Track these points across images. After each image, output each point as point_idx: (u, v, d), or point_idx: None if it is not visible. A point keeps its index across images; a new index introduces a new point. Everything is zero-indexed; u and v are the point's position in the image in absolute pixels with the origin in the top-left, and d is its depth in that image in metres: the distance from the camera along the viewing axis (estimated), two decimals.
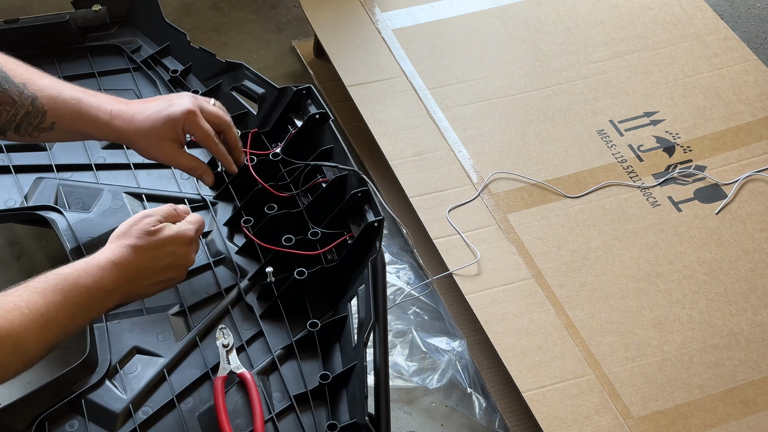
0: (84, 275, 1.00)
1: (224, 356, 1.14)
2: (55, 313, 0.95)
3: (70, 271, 1.00)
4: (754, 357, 1.38)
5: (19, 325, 0.91)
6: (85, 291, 0.99)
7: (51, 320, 0.95)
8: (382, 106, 1.72)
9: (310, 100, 1.37)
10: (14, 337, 0.91)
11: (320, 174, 1.31)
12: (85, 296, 0.99)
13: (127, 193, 1.32)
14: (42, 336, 0.94)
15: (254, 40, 2.03)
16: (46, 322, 0.94)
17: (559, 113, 1.72)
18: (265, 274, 1.20)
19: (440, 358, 1.47)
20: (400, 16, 1.89)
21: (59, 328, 0.96)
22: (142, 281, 1.07)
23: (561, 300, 1.44)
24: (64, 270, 1.00)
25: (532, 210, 1.56)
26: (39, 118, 1.16)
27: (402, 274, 1.58)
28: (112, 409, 1.10)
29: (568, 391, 1.33)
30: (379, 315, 1.12)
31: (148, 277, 1.07)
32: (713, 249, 1.52)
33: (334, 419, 1.09)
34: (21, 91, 1.15)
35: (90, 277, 1.00)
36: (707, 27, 1.88)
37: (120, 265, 1.04)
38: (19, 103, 1.14)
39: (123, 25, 1.57)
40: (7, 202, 1.31)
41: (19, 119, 1.15)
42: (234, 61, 1.43)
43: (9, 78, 1.14)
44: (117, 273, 1.03)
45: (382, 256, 1.17)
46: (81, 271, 1.00)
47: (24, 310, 0.92)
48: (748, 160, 1.65)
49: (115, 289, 1.03)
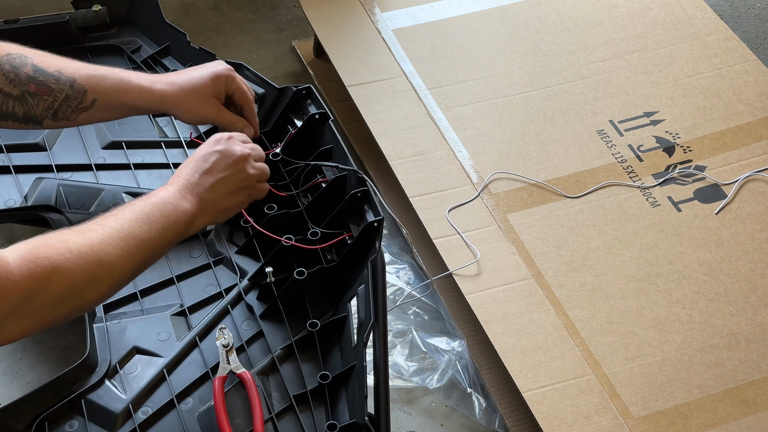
0: (148, 195, 1.07)
1: (224, 356, 1.14)
2: (129, 227, 0.99)
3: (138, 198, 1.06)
4: (754, 357, 1.38)
5: (99, 240, 0.95)
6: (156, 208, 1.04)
7: (128, 234, 0.98)
8: (382, 106, 1.72)
9: (310, 100, 1.37)
10: (96, 251, 0.94)
11: (320, 174, 1.31)
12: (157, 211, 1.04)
13: (127, 193, 1.32)
14: (124, 249, 0.97)
15: (254, 40, 2.03)
16: (124, 237, 0.98)
17: (559, 113, 1.72)
18: (265, 274, 1.20)
19: (440, 358, 1.47)
20: (400, 16, 1.89)
21: (139, 242, 1.00)
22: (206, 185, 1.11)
23: (561, 300, 1.44)
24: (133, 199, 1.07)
25: (532, 210, 1.56)
26: (79, 99, 1.19)
27: (402, 274, 1.58)
28: (112, 409, 1.10)
29: (568, 391, 1.33)
30: (378, 315, 1.12)
31: (208, 178, 1.11)
32: (713, 249, 1.52)
33: (333, 419, 1.09)
34: (57, 78, 1.17)
35: (155, 196, 1.06)
36: (707, 27, 1.88)
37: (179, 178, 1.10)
38: (57, 90, 1.17)
39: (123, 25, 1.58)
40: (7, 202, 1.31)
41: (57, 105, 1.18)
42: (234, 61, 1.43)
43: (42, 69, 1.17)
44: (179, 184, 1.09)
45: (382, 256, 1.17)
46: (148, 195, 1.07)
47: (99, 230, 0.97)
48: (748, 160, 1.65)
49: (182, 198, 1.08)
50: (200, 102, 1.23)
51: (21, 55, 1.16)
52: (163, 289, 1.24)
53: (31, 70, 1.16)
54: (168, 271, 1.25)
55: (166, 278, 1.24)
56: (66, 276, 0.91)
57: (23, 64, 1.16)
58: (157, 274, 1.24)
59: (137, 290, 1.22)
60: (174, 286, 1.24)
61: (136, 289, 1.22)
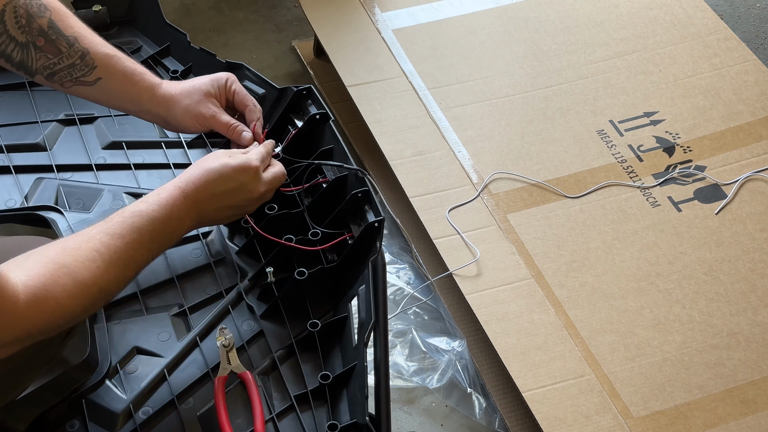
0: (157, 209, 1.04)
1: (224, 356, 1.14)
2: (133, 253, 1.00)
3: (145, 207, 1.04)
4: (754, 357, 1.38)
5: (104, 272, 0.96)
6: (160, 224, 1.03)
7: (131, 260, 1.00)
8: (382, 106, 1.72)
9: (310, 100, 1.37)
10: (100, 284, 0.96)
11: (320, 174, 1.31)
12: (159, 230, 1.03)
13: (128, 194, 1.32)
14: (123, 276, 1.00)
15: (254, 40, 2.03)
16: (125, 264, 0.99)
17: (559, 113, 1.72)
18: (266, 274, 1.20)
19: (440, 358, 1.47)
20: (400, 16, 1.89)
21: (137, 265, 1.02)
22: (210, 206, 1.10)
23: (561, 300, 1.44)
24: (139, 206, 1.04)
25: (532, 210, 1.56)
26: (84, 72, 1.17)
27: (402, 274, 1.58)
28: (113, 409, 1.09)
29: (568, 391, 1.33)
30: (379, 315, 1.12)
31: (215, 202, 1.10)
32: (713, 249, 1.52)
33: (334, 419, 1.09)
34: (71, 43, 1.16)
35: (162, 209, 1.04)
36: (707, 27, 1.88)
37: (187, 193, 1.07)
38: (65, 54, 1.16)
39: (123, 25, 1.57)
40: (7, 202, 1.30)
41: (58, 68, 1.16)
42: (234, 61, 1.43)
43: (58, 27, 1.15)
44: (186, 201, 1.07)
45: (383, 256, 1.17)
46: (154, 205, 1.04)
47: (105, 257, 0.97)
48: (748, 160, 1.65)
49: (185, 215, 1.07)
50: (199, 101, 1.23)
51: (41, 4, 1.14)
52: (164, 289, 1.24)
53: (46, 23, 1.13)
54: (168, 271, 1.25)
55: (167, 278, 1.24)
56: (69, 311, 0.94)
57: (40, 14, 1.13)
58: (157, 274, 1.24)
59: (138, 290, 1.22)
60: (175, 286, 1.24)
61: (137, 289, 1.22)
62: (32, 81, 1.29)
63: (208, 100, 1.23)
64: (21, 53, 1.14)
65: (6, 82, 1.43)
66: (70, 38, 1.16)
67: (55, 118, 1.40)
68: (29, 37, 1.13)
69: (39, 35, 1.14)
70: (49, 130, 1.38)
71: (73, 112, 1.41)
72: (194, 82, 1.24)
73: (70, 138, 1.40)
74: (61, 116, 1.40)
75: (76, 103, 1.41)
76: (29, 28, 1.13)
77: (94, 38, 1.19)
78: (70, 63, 1.16)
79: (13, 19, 1.12)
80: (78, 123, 1.40)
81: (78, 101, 1.41)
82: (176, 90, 1.23)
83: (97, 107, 1.38)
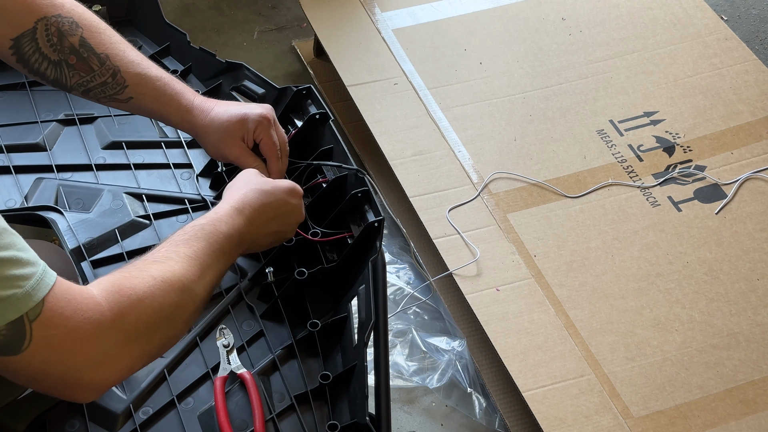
0: (218, 223, 1.03)
1: (224, 356, 1.14)
2: (204, 257, 0.98)
3: (206, 221, 1.03)
4: (754, 357, 1.38)
5: (180, 268, 0.94)
6: (223, 237, 1.02)
7: (203, 263, 0.98)
8: (382, 106, 1.72)
9: (310, 100, 1.37)
10: (180, 277, 0.93)
11: (320, 174, 1.31)
12: (223, 241, 1.02)
13: (127, 194, 1.32)
14: (201, 276, 0.96)
15: (254, 40, 2.03)
16: (199, 265, 0.97)
17: (559, 113, 1.72)
18: (266, 274, 1.20)
19: (440, 358, 1.47)
20: (400, 15, 1.89)
21: (212, 271, 0.99)
22: (260, 229, 1.10)
23: (561, 300, 1.44)
24: (200, 221, 1.03)
25: (532, 210, 1.56)
26: (116, 90, 1.17)
27: (402, 274, 1.58)
28: (113, 409, 1.09)
29: (568, 391, 1.33)
30: (379, 315, 1.12)
31: (265, 224, 1.10)
32: (713, 249, 1.52)
33: (334, 419, 1.09)
34: (102, 61, 1.15)
35: (224, 224, 1.03)
36: (707, 27, 1.88)
37: (243, 212, 1.07)
38: (97, 73, 1.15)
39: (123, 25, 1.57)
40: (7, 203, 1.30)
41: (91, 86, 1.16)
42: (234, 61, 1.43)
43: (90, 45, 1.14)
44: (241, 219, 1.06)
45: (383, 256, 1.17)
46: (215, 220, 1.04)
47: (176, 258, 0.95)
48: (748, 160, 1.65)
49: (242, 235, 1.06)
50: (224, 139, 1.21)
51: (72, 22, 1.13)
52: None
53: (77, 42, 1.13)
54: None
55: None
56: (154, 303, 0.89)
57: (72, 32, 1.12)
58: None
59: None
60: None
61: None
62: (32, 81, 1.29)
63: (234, 141, 1.22)
64: (55, 71, 1.14)
65: (6, 82, 1.43)
66: (102, 56, 1.15)
67: (54, 118, 1.40)
68: (61, 56, 1.13)
69: (71, 53, 1.13)
70: (49, 130, 1.38)
71: (73, 112, 1.41)
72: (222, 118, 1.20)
73: (70, 138, 1.40)
74: (61, 116, 1.40)
75: (75, 103, 1.41)
76: (61, 46, 1.12)
77: (126, 55, 1.17)
78: (102, 81, 1.16)
79: (45, 38, 1.11)
80: (78, 123, 1.39)
81: (78, 101, 1.41)
82: (205, 120, 1.20)
83: (97, 107, 1.38)
